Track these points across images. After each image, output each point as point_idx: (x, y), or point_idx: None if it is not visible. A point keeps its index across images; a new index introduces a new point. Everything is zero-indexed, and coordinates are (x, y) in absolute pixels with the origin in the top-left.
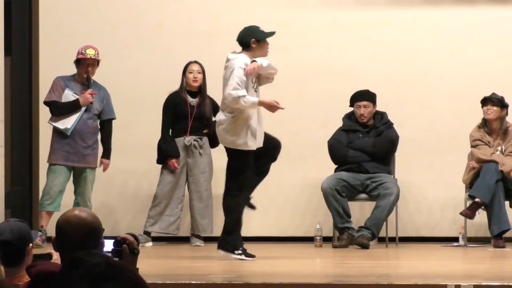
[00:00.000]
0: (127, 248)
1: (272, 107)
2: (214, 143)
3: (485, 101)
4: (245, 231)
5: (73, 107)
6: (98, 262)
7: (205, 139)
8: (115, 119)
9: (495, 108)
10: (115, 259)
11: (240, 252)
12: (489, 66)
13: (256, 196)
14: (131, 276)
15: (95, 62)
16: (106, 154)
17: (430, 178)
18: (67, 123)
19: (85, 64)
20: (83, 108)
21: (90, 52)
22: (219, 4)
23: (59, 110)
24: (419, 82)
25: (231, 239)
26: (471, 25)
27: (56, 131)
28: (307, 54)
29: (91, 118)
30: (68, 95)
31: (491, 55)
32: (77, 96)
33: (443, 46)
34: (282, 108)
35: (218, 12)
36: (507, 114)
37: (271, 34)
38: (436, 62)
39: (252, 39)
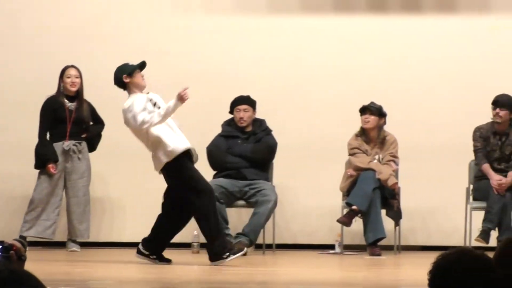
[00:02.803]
0: (14, 255)
1: (182, 97)
2: (92, 147)
3: (363, 110)
4: (120, 237)
5: None
6: (1, 269)
7: (84, 144)
8: None
9: (373, 117)
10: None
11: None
12: (369, 75)
13: (132, 201)
14: (34, 284)
15: None
16: None
17: (307, 185)
18: None
19: None
20: None
21: None
22: (99, 8)
23: None
24: (299, 89)
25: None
26: (352, 33)
27: None
28: (188, 60)
29: None
30: None
31: (372, 63)
32: None
33: (324, 53)
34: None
35: (98, 16)
36: (385, 123)
37: (140, 65)
38: (316, 69)
39: (123, 75)
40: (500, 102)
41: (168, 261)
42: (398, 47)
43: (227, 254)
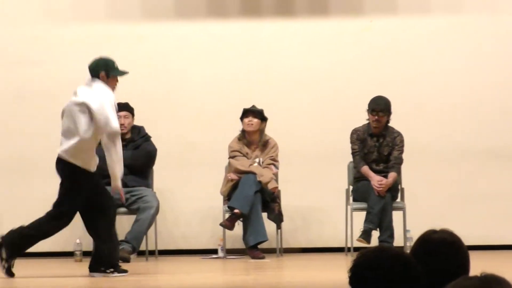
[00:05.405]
0: None
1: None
2: None
3: (246, 113)
4: None
5: None
6: None
7: None
8: None
9: (256, 120)
10: None
11: None
12: (245, 79)
13: None
14: None
15: None
16: None
17: (188, 190)
18: None
19: None
20: None
21: None
22: None
23: None
24: (171, 97)
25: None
26: (225, 37)
27: None
28: (57, 69)
29: None
30: None
31: (247, 68)
32: None
33: (193, 61)
34: None
35: None
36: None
37: (123, 73)
38: (187, 78)
39: (101, 72)
40: (379, 108)
41: None
42: (271, 52)
43: None
